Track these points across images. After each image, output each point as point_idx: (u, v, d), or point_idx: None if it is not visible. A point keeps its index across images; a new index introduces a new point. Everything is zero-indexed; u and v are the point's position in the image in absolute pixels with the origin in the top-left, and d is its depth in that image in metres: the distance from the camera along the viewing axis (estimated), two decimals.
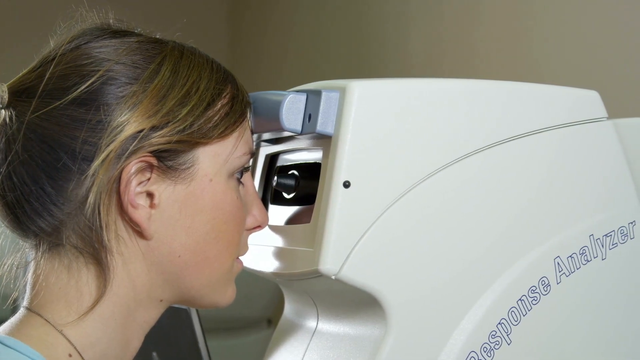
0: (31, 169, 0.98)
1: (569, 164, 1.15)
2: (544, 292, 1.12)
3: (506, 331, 1.10)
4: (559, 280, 1.13)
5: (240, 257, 1.08)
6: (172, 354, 1.49)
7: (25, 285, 1.03)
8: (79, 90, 0.98)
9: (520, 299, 1.11)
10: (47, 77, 0.98)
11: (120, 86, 0.98)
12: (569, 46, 1.99)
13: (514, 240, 1.11)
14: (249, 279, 1.22)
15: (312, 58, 3.17)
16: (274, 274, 1.14)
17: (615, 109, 1.24)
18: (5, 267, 1.04)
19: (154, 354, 1.49)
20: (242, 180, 1.06)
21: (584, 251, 1.15)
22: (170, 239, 1.00)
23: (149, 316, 1.03)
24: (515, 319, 1.11)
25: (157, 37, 1.04)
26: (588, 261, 1.15)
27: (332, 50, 3.03)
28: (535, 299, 1.12)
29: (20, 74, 1.01)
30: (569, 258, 1.14)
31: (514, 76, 2.09)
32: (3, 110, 1.00)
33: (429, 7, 2.49)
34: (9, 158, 0.98)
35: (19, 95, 0.99)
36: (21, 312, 1.01)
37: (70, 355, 0.98)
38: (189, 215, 1.00)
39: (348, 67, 2.89)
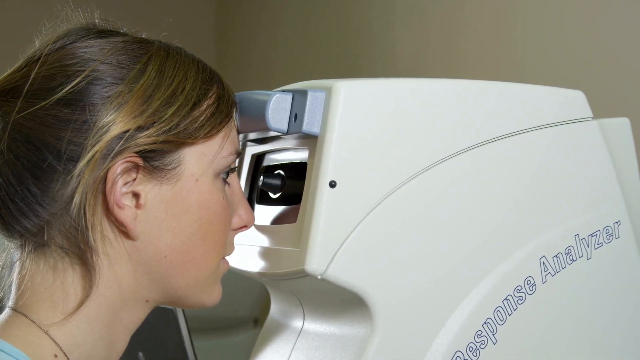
0: (16, 169, 0.97)
1: (554, 163, 1.15)
2: (530, 292, 1.12)
3: (492, 331, 1.11)
4: (544, 280, 1.13)
5: (227, 257, 1.08)
6: (158, 354, 1.49)
7: (10, 286, 1.02)
8: (64, 90, 0.97)
9: (505, 299, 1.11)
10: (32, 77, 0.98)
11: (106, 86, 0.98)
12: (554, 46, 2.00)
13: (500, 240, 1.12)
14: (235, 278, 1.22)
15: (299, 58, 3.17)
16: (260, 273, 1.14)
17: (600, 109, 1.24)
18: None
19: (140, 354, 1.49)
20: (228, 180, 1.06)
21: (569, 251, 1.15)
22: (156, 239, 1.00)
23: (135, 316, 1.03)
24: (501, 319, 1.11)
25: (143, 37, 1.04)
26: (573, 261, 1.15)
27: (319, 51, 3.03)
28: (521, 298, 1.12)
29: (5, 74, 1.01)
30: (555, 258, 1.14)
31: (500, 76, 2.10)
32: None
33: (416, 8, 2.49)
34: None
35: (4, 95, 0.99)
36: (6, 312, 1.00)
37: (55, 356, 0.98)
38: (175, 216, 1.00)
39: (335, 67, 2.89)
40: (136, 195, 0.99)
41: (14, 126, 0.97)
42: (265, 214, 1.18)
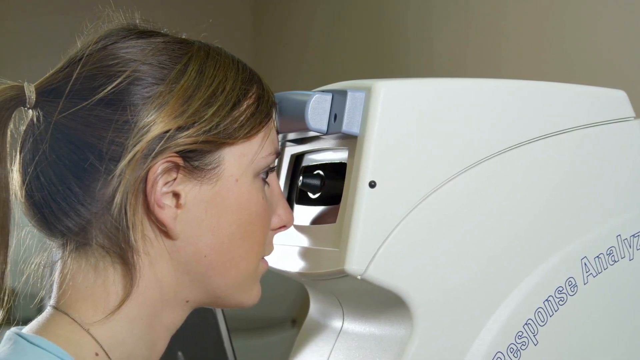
0: (58, 169, 0.98)
1: (596, 163, 1.14)
2: (571, 293, 1.12)
3: (533, 332, 1.10)
4: (586, 281, 1.13)
5: (266, 257, 1.08)
6: (197, 354, 1.50)
7: (51, 285, 1.03)
8: (105, 90, 0.98)
9: (547, 300, 1.11)
10: (74, 77, 0.99)
11: (147, 86, 0.98)
12: (595, 45, 1.98)
13: (541, 240, 1.11)
14: (273, 279, 1.22)
15: (334, 58, 3.17)
16: (299, 274, 1.14)
17: None
18: (33, 266, 1.04)
19: (180, 353, 1.49)
20: (267, 180, 1.06)
21: (611, 251, 1.14)
22: (196, 239, 1.00)
23: (176, 317, 1.03)
24: (542, 320, 1.10)
25: (184, 37, 1.04)
26: (615, 261, 1.14)
27: (355, 50, 3.03)
28: (562, 299, 1.11)
29: (48, 74, 1.01)
30: (596, 258, 1.13)
31: (540, 76, 2.08)
32: (31, 111, 1.00)
33: (453, 6, 2.49)
34: (37, 158, 0.98)
35: (47, 95, 0.99)
36: (48, 311, 1.01)
37: (96, 355, 0.98)
38: (214, 216, 1.01)
39: (370, 67, 2.89)
40: (176, 195, 0.99)
41: (56, 126, 0.98)
42: (305, 214, 1.18)
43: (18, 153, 1.00)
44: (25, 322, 1.03)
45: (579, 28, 2.03)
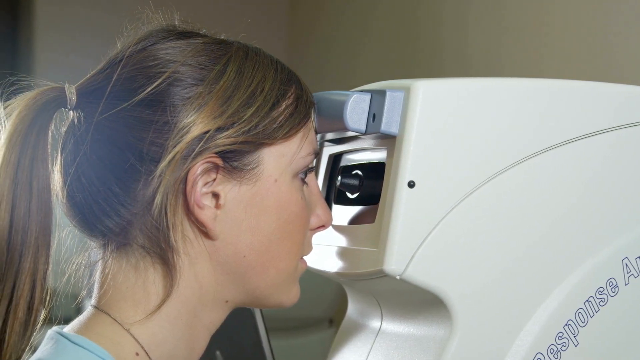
0: (99, 170, 0.99)
1: (637, 162, 1.13)
2: (612, 294, 1.11)
3: (573, 333, 1.09)
4: (627, 282, 1.12)
5: (305, 257, 1.08)
6: (235, 353, 1.50)
7: (92, 285, 1.04)
8: (145, 91, 0.98)
9: (587, 300, 1.10)
10: (114, 78, 0.99)
11: (186, 87, 0.99)
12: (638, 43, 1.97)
13: (581, 241, 1.10)
14: (310, 278, 1.22)
15: (370, 58, 3.17)
16: (338, 274, 1.14)
17: None
18: (73, 266, 1.05)
19: (218, 352, 1.50)
20: (306, 180, 1.06)
21: None
22: (236, 239, 1.01)
23: (215, 317, 1.03)
24: (583, 321, 1.10)
25: (222, 38, 1.05)
26: None
27: (390, 50, 3.02)
28: (603, 300, 1.11)
29: (88, 76, 1.02)
30: (638, 259, 1.12)
31: (579, 75, 2.07)
32: (72, 112, 1.01)
33: (488, 4, 2.48)
34: (78, 159, 0.99)
35: (87, 96, 1.00)
36: (89, 310, 1.02)
37: (137, 354, 0.99)
38: (254, 216, 1.01)
39: (405, 66, 2.88)
40: (216, 196, 1.00)
41: (97, 127, 0.99)
42: (343, 214, 1.18)
43: (59, 154, 1.01)
44: (65, 321, 1.04)
45: (622, 26, 2.02)
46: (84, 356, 0.96)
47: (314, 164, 1.09)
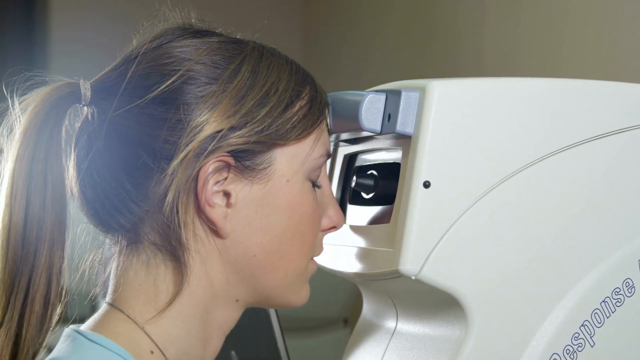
0: (111, 166, 0.99)
1: None
2: (628, 294, 1.10)
3: (589, 333, 1.09)
4: None
5: (320, 257, 1.08)
6: (250, 353, 1.50)
7: (105, 282, 1.04)
8: (159, 89, 0.98)
9: (603, 301, 1.09)
10: (129, 75, 0.99)
11: (200, 86, 0.99)
12: None
13: (597, 241, 1.10)
14: (325, 278, 1.22)
15: (384, 58, 3.17)
16: (353, 274, 1.14)
17: None
18: (87, 262, 1.05)
19: (233, 352, 1.50)
20: (318, 182, 1.06)
21: None
22: (246, 239, 1.01)
23: (228, 316, 1.03)
24: (599, 321, 1.09)
25: (238, 37, 1.04)
26: None
27: (405, 50, 3.02)
28: (619, 300, 1.10)
29: (103, 72, 1.02)
30: None
31: (595, 74, 2.06)
32: (86, 108, 1.01)
33: (505, 5, 2.47)
34: (90, 155, 0.99)
35: (102, 93, 1.00)
36: (104, 307, 1.02)
37: (152, 352, 0.99)
38: (264, 215, 1.01)
39: (420, 66, 2.88)
40: (227, 195, 1.00)
41: (110, 124, 0.99)
42: (358, 214, 1.18)
43: (73, 150, 1.01)
44: (80, 320, 1.04)
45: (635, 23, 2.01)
46: (101, 354, 0.96)
47: (327, 165, 1.09)
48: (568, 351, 1.08)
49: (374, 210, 1.16)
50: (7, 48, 3.59)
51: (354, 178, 1.16)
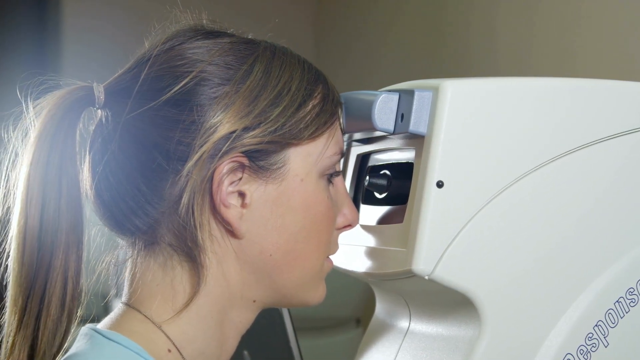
0: (127, 169, 0.99)
1: None
2: None
3: (603, 333, 1.09)
4: None
5: (332, 257, 1.08)
6: (263, 353, 1.50)
7: (121, 283, 1.04)
8: (172, 91, 0.99)
9: (617, 301, 1.09)
10: (142, 77, 0.99)
11: (213, 87, 0.99)
12: None
13: (610, 241, 1.09)
14: (338, 278, 1.22)
15: (397, 58, 3.16)
16: (366, 273, 1.14)
17: None
18: (103, 264, 1.05)
19: (245, 352, 1.50)
20: (332, 180, 1.06)
21: None
22: (261, 238, 1.01)
23: (244, 317, 1.04)
24: (613, 321, 1.09)
25: (250, 37, 1.05)
26: None
27: (418, 49, 3.02)
28: (633, 300, 1.10)
29: (116, 75, 1.02)
30: None
31: (610, 74, 2.06)
32: (99, 111, 1.01)
33: (518, 4, 2.46)
34: (105, 158, 0.99)
35: (115, 95, 1.00)
36: (120, 307, 1.02)
37: (169, 351, 0.99)
38: (279, 215, 1.01)
39: (433, 66, 2.88)
40: (242, 195, 1.00)
41: (124, 126, 0.99)
42: (371, 214, 1.18)
43: (87, 153, 1.01)
44: (93, 320, 1.04)
45: None
46: (119, 352, 0.97)
47: (341, 164, 1.09)
48: (582, 351, 1.08)
49: (387, 210, 1.16)
50: (20, 52, 3.59)
51: (367, 178, 1.16)
